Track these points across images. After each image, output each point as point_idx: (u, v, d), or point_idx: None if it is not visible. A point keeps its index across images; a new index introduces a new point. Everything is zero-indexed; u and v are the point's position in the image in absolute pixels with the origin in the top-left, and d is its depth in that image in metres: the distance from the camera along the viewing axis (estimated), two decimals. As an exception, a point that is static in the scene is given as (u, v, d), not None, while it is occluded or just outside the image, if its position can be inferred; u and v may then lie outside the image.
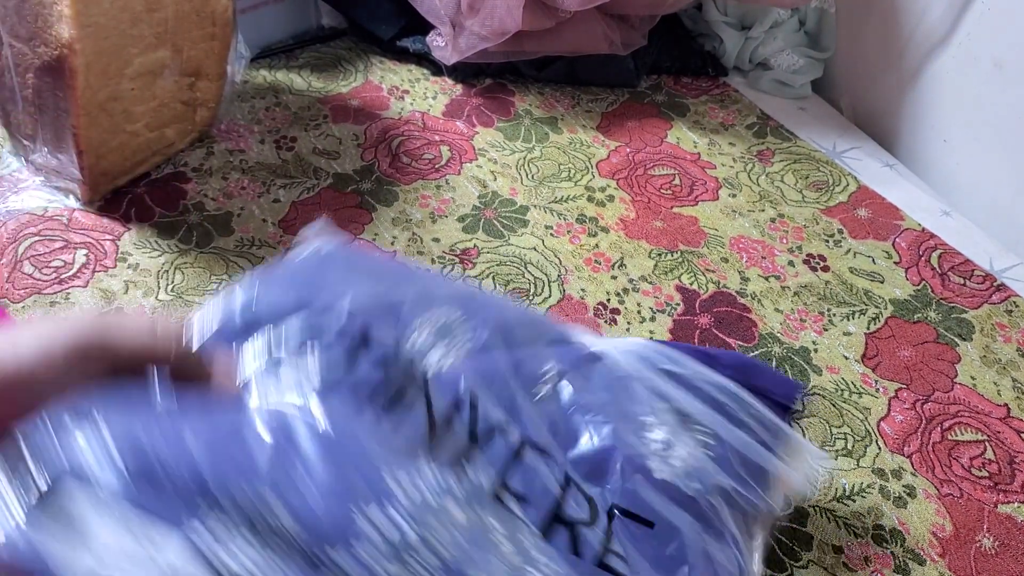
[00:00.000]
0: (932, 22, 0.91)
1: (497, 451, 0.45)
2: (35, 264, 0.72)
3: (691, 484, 0.51)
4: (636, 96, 1.01)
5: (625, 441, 0.51)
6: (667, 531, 0.50)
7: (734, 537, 0.52)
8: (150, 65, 0.72)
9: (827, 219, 0.85)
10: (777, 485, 0.54)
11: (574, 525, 0.45)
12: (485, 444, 0.45)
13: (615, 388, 0.53)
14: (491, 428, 0.47)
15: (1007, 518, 0.60)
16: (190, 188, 0.81)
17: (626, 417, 0.53)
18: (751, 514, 0.53)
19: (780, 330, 0.73)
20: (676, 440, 0.52)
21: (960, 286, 0.78)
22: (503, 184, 0.86)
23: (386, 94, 0.97)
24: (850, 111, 1.04)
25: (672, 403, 0.54)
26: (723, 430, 0.54)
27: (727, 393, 0.55)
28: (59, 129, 0.71)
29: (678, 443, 0.52)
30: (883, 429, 0.65)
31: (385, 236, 0.78)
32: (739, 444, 0.54)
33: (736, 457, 0.53)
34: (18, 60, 0.68)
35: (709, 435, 0.53)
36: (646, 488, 0.50)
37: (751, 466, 0.53)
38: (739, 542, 0.53)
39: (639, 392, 0.54)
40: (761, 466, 0.54)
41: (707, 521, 0.51)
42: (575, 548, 0.45)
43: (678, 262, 0.79)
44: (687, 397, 0.54)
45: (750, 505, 0.53)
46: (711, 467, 0.52)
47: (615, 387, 0.53)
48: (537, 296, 0.74)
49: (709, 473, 0.52)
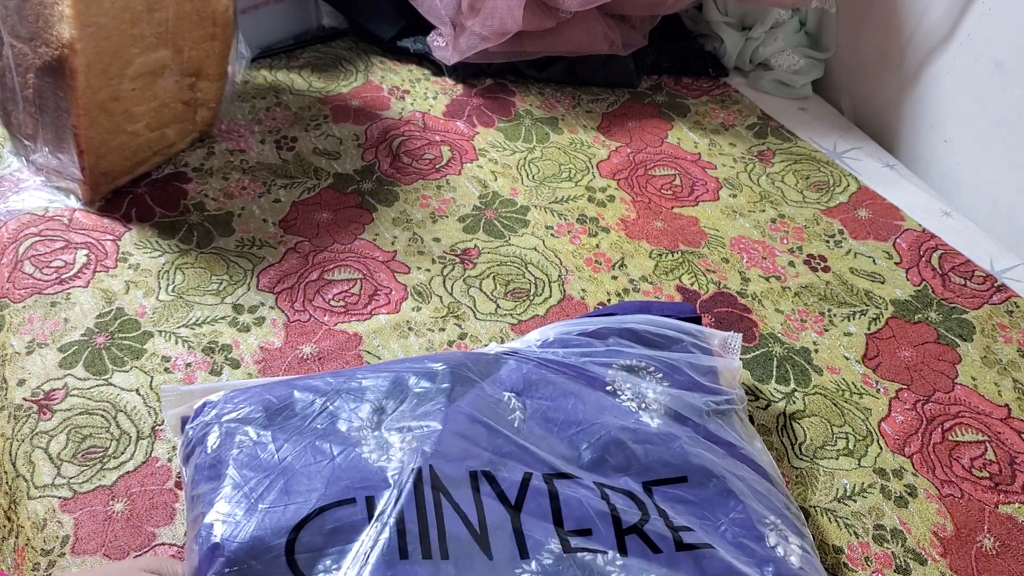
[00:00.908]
0: (933, 23, 0.91)
1: (536, 503, 0.48)
2: (36, 264, 0.72)
3: (679, 422, 0.55)
4: (637, 96, 1.01)
5: (609, 421, 0.54)
6: (699, 475, 0.53)
7: (739, 441, 0.57)
8: (151, 65, 0.72)
9: (828, 219, 0.85)
10: (726, 376, 0.60)
11: (637, 527, 0.48)
12: (524, 504, 0.48)
13: (566, 383, 0.56)
14: (517, 484, 0.49)
15: (1008, 518, 0.60)
16: (191, 188, 0.81)
17: (597, 401, 0.55)
18: (729, 412, 0.58)
19: (781, 330, 0.73)
20: (642, 390, 0.56)
21: (961, 287, 0.78)
22: (504, 184, 0.86)
23: (387, 94, 0.97)
24: (851, 111, 1.04)
25: (615, 360, 0.57)
26: (665, 358, 0.58)
27: (645, 327, 0.60)
28: (60, 129, 0.71)
29: (645, 392, 0.56)
30: (884, 429, 0.65)
31: (386, 236, 0.78)
32: (683, 362, 0.59)
33: (688, 372, 0.58)
34: (19, 60, 0.68)
35: (659, 370, 0.58)
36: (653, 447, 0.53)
37: (701, 371, 0.59)
38: (744, 444, 0.57)
39: (591, 370, 0.57)
40: (708, 367, 0.59)
41: (714, 440, 0.55)
42: (652, 546, 0.48)
43: (679, 262, 0.79)
44: (617, 350, 0.58)
45: (725, 405, 0.58)
46: (678, 394, 0.57)
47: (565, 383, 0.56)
48: (537, 296, 0.74)
49: (683, 399, 0.57)
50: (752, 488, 0.53)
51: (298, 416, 0.51)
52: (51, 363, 0.64)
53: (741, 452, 0.56)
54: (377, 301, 0.72)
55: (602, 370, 0.57)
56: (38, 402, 0.62)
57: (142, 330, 0.68)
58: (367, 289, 0.73)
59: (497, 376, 0.55)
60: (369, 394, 0.53)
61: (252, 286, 0.72)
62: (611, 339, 0.59)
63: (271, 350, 0.67)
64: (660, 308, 0.64)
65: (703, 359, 0.60)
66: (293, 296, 0.71)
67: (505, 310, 0.72)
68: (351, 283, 0.73)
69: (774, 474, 0.57)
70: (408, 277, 0.74)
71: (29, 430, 0.60)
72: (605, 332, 0.59)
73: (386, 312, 0.71)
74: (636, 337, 0.60)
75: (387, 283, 0.74)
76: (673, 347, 0.60)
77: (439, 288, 0.74)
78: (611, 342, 0.59)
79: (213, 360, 0.66)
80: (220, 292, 0.71)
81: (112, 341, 0.66)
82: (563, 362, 0.57)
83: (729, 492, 0.52)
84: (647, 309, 0.63)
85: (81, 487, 0.57)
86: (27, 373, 0.64)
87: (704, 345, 0.61)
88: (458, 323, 0.71)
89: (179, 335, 0.67)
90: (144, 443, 0.60)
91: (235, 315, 0.69)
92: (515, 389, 0.54)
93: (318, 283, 0.73)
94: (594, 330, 0.59)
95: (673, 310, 0.64)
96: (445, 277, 0.75)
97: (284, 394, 0.52)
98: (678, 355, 0.59)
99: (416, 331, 0.70)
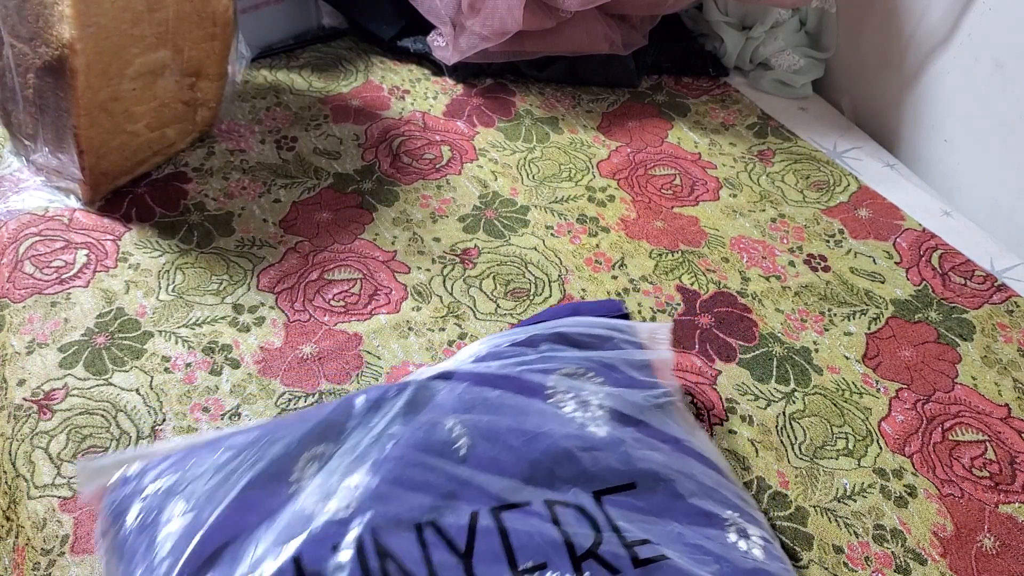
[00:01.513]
0: (933, 22, 0.91)
1: (487, 544, 0.47)
2: (36, 264, 0.72)
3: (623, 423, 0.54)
4: (637, 96, 1.01)
5: (554, 431, 0.53)
6: (647, 480, 0.52)
7: (683, 434, 0.56)
8: (151, 65, 0.73)
9: (828, 219, 0.85)
10: (660, 368, 0.60)
11: (591, 551, 0.47)
12: (475, 548, 0.46)
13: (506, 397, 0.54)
14: (465, 527, 0.47)
15: (1008, 518, 0.60)
16: (191, 188, 0.81)
17: (539, 412, 0.54)
18: (669, 405, 0.58)
19: (781, 330, 0.73)
20: (583, 396, 0.55)
21: (961, 286, 0.78)
22: (504, 184, 0.86)
23: (387, 94, 0.97)
24: (851, 111, 1.04)
25: (551, 367, 0.56)
26: (599, 358, 0.58)
27: (575, 329, 0.59)
28: (60, 129, 0.71)
29: (586, 396, 0.55)
30: (884, 429, 0.65)
31: (386, 236, 0.78)
32: (617, 360, 0.58)
33: (624, 370, 0.57)
34: (19, 60, 0.68)
35: (597, 372, 0.57)
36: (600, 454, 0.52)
37: (636, 366, 0.58)
38: (688, 436, 0.56)
39: (529, 380, 0.55)
40: (642, 361, 0.59)
41: (659, 438, 0.54)
42: (609, 567, 0.47)
43: (679, 262, 0.79)
44: (551, 355, 0.57)
45: (663, 398, 0.57)
46: (617, 393, 0.56)
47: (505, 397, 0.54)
48: (538, 296, 0.74)
49: (623, 398, 0.56)
50: (703, 484, 0.53)
51: (223, 475, 0.48)
52: (51, 363, 0.64)
53: (687, 446, 0.55)
54: (377, 301, 0.72)
55: (540, 378, 0.55)
56: (38, 402, 0.62)
57: (142, 330, 0.68)
58: (367, 289, 0.73)
59: (435, 403, 0.53)
60: (298, 444, 0.50)
61: (252, 286, 0.72)
62: (543, 346, 0.58)
63: (271, 350, 0.67)
64: (589, 308, 0.64)
65: (636, 354, 0.59)
66: (293, 296, 0.71)
67: (505, 310, 0.72)
68: (351, 283, 0.73)
69: (722, 464, 0.57)
70: (408, 277, 0.74)
71: (29, 430, 0.60)
72: (536, 339, 0.58)
73: (386, 312, 0.71)
74: (568, 340, 0.59)
75: (387, 283, 0.74)
76: (605, 346, 0.59)
77: (439, 288, 0.74)
78: (543, 348, 0.58)
79: (213, 360, 0.66)
80: (220, 292, 0.71)
81: (112, 341, 0.66)
82: (500, 375, 0.55)
83: (679, 495, 0.51)
84: (577, 311, 0.63)
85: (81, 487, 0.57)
86: (27, 373, 0.64)
87: (634, 340, 0.60)
88: (458, 323, 0.71)
89: (179, 335, 0.67)
90: (144, 443, 0.60)
91: (235, 315, 0.69)
92: (456, 412, 0.52)
93: (318, 283, 0.73)
94: (525, 339, 0.58)
95: (602, 309, 0.64)
96: (445, 277, 0.75)
97: (207, 456, 0.49)
98: (611, 353, 0.58)
99: (416, 331, 0.70)
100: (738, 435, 0.64)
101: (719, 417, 0.65)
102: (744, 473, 0.61)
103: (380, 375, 0.66)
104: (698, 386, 0.67)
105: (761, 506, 0.59)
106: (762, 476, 0.61)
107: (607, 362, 0.57)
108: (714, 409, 0.66)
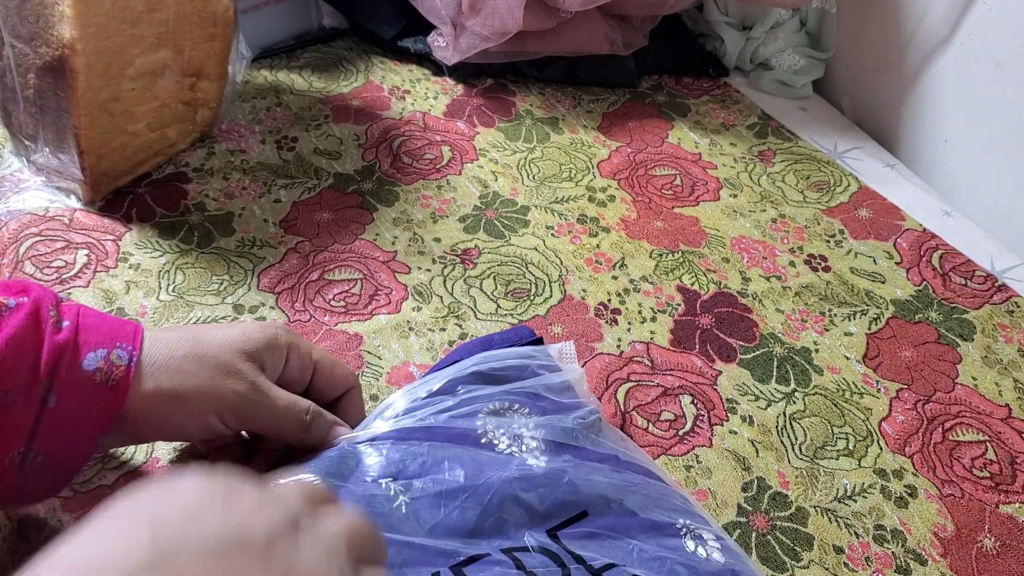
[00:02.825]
0: (933, 22, 0.91)
1: None
2: (36, 264, 0.72)
3: (559, 451, 0.53)
4: (637, 96, 1.01)
5: (494, 477, 0.51)
6: (598, 504, 0.51)
7: (617, 449, 0.55)
8: (151, 65, 0.73)
9: (828, 219, 0.85)
10: (580, 386, 0.59)
11: None
12: None
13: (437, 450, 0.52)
14: None
15: (1008, 518, 0.60)
16: (191, 188, 0.81)
17: (474, 459, 0.52)
18: (597, 422, 0.57)
19: (781, 330, 0.73)
20: (515, 432, 0.54)
21: (961, 286, 0.78)
22: (504, 184, 0.86)
23: (387, 94, 0.97)
24: (851, 111, 1.04)
25: (475, 408, 0.54)
26: (520, 389, 0.56)
27: (489, 364, 0.57)
28: (60, 129, 0.71)
29: (519, 431, 0.54)
30: (884, 429, 0.65)
31: (386, 236, 0.78)
32: (539, 387, 0.57)
33: (548, 396, 0.56)
34: (19, 60, 0.68)
35: (522, 404, 0.55)
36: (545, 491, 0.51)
37: (558, 390, 0.57)
38: (624, 450, 0.56)
39: (456, 426, 0.53)
40: (563, 384, 0.58)
41: (598, 459, 0.53)
42: None
43: (679, 262, 0.79)
44: (472, 397, 0.55)
45: (591, 416, 0.56)
46: (547, 422, 0.55)
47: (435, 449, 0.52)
48: (538, 296, 0.74)
49: (555, 426, 0.54)
50: (649, 496, 0.52)
51: None
52: (52, 363, 0.64)
53: (625, 460, 0.54)
54: (377, 301, 0.72)
55: (467, 422, 0.53)
56: (39, 402, 0.62)
57: (143, 330, 0.68)
58: (367, 289, 0.73)
59: (360, 470, 0.50)
60: None
61: (253, 286, 0.72)
62: (461, 389, 0.55)
63: (271, 350, 0.67)
64: (501, 339, 0.61)
65: (553, 378, 0.57)
66: (293, 296, 0.71)
67: (506, 310, 0.72)
68: (351, 283, 0.73)
69: (660, 472, 0.56)
70: (408, 277, 0.74)
71: (30, 430, 0.60)
72: (453, 384, 0.55)
73: (387, 312, 0.71)
74: (486, 378, 0.56)
75: (387, 283, 0.74)
76: (523, 375, 0.57)
77: (439, 288, 0.74)
78: (462, 392, 0.55)
79: (213, 360, 0.66)
80: (221, 292, 0.71)
81: (113, 341, 0.66)
82: (424, 427, 0.52)
83: (631, 512, 0.50)
84: (489, 343, 0.61)
85: (82, 487, 0.57)
86: (28, 373, 0.64)
87: (548, 363, 0.58)
88: (459, 323, 0.71)
89: (179, 335, 0.67)
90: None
91: (235, 315, 0.69)
92: (387, 474, 0.49)
93: (318, 283, 0.73)
94: (442, 386, 0.55)
95: (514, 337, 0.62)
96: (446, 277, 0.75)
97: None
98: (531, 382, 0.56)
99: (417, 331, 0.70)
100: (738, 435, 0.64)
101: (720, 417, 0.65)
102: (744, 473, 0.62)
103: (381, 375, 0.66)
104: (698, 386, 0.67)
105: (761, 506, 0.59)
106: (762, 476, 0.61)
107: (529, 391, 0.56)
108: (715, 409, 0.66)
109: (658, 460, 0.62)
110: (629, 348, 0.70)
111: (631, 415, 0.64)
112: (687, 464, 0.62)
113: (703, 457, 0.62)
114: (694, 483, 0.61)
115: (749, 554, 0.57)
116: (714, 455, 0.63)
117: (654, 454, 0.62)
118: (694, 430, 0.64)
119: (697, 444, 0.63)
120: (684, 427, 0.64)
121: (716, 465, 0.62)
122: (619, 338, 0.71)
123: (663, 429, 0.64)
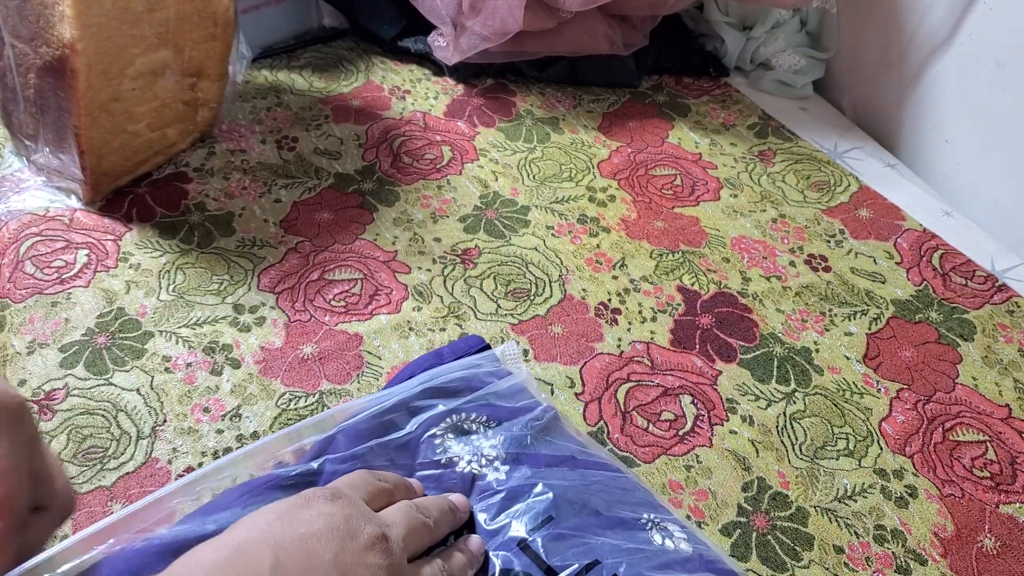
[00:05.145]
0: (934, 22, 0.91)
1: None
2: (37, 264, 0.72)
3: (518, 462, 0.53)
4: (637, 96, 1.01)
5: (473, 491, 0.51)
6: (563, 508, 0.50)
7: (574, 448, 0.55)
8: (152, 65, 0.73)
9: (828, 219, 0.85)
10: (533, 386, 0.59)
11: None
12: None
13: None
14: None
15: (1009, 518, 0.60)
16: (191, 188, 0.81)
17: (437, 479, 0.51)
18: (551, 422, 0.56)
19: (781, 330, 0.73)
20: (476, 447, 0.53)
21: (961, 286, 0.78)
22: (504, 184, 0.86)
23: (387, 94, 0.97)
24: (851, 111, 1.04)
25: (429, 428, 0.53)
26: (477, 400, 0.56)
27: (439, 379, 0.57)
28: (61, 129, 0.71)
29: (479, 446, 0.53)
30: (884, 429, 0.65)
31: (386, 236, 0.78)
32: (490, 395, 0.57)
33: (500, 403, 0.56)
34: (20, 60, 0.68)
35: (481, 415, 0.55)
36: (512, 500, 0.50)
37: (509, 395, 0.57)
38: (580, 446, 0.56)
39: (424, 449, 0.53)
40: (515, 387, 0.58)
41: (557, 463, 0.53)
42: None
43: (679, 262, 0.79)
44: (425, 417, 0.54)
45: (546, 416, 0.56)
46: (507, 427, 0.54)
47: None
48: (538, 296, 0.74)
49: (513, 433, 0.54)
50: (611, 491, 0.51)
51: None
52: (52, 363, 0.64)
53: (583, 459, 0.54)
54: (378, 301, 0.72)
55: (424, 446, 0.52)
56: (39, 402, 0.62)
57: (143, 330, 0.68)
58: (368, 289, 0.73)
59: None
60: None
61: (253, 286, 0.72)
62: (414, 406, 0.54)
63: (272, 350, 0.67)
64: (451, 351, 0.61)
65: (503, 383, 0.57)
66: (294, 296, 0.71)
67: (506, 310, 0.72)
68: (352, 283, 0.73)
69: (615, 463, 0.56)
70: (409, 277, 0.74)
71: (30, 430, 0.60)
72: (405, 403, 0.54)
73: (387, 312, 0.71)
74: (436, 393, 0.55)
75: (388, 283, 0.74)
76: (472, 384, 0.56)
77: (440, 288, 0.74)
78: (415, 410, 0.54)
79: (214, 360, 0.66)
80: (221, 292, 0.71)
81: (113, 341, 0.66)
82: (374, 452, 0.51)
83: (596, 512, 0.50)
84: (439, 356, 0.60)
85: (81, 487, 0.57)
86: (28, 373, 0.64)
87: (495, 368, 0.58)
88: (459, 323, 0.71)
89: (180, 335, 0.67)
90: (144, 443, 0.60)
91: (236, 315, 0.69)
92: None
93: (319, 283, 0.73)
94: (392, 405, 0.53)
95: (464, 347, 0.62)
96: (446, 277, 0.75)
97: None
98: (481, 392, 0.56)
99: (417, 331, 0.70)
100: (739, 435, 0.64)
101: (720, 417, 0.65)
102: (745, 473, 0.62)
103: (380, 375, 0.66)
104: (699, 386, 0.67)
105: (762, 506, 0.59)
106: (763, 476, 0.61)
107: (483, 402, 0.55)
108: (715, 409, 0.66)
109: (658, 460, 0.62)
110: (629, 348, 0.70)
111: (631, 415, 0.64)
112: (687, 464, 0.62)
113: (703, 457, 0.62)
114: (694, 483, 0.61)
115: (749, 554, 0.57)
116: (714, 455, 0.63)
117: (654, 454, 0.62)
118: (694, 430, 0.64)
119: (697, 444, 0.63)
120: (684, 427, 0.64)
121: (716, 465, 0.62)
122: (619, 338, 0.71)
123: (663, 429, 0.64)
